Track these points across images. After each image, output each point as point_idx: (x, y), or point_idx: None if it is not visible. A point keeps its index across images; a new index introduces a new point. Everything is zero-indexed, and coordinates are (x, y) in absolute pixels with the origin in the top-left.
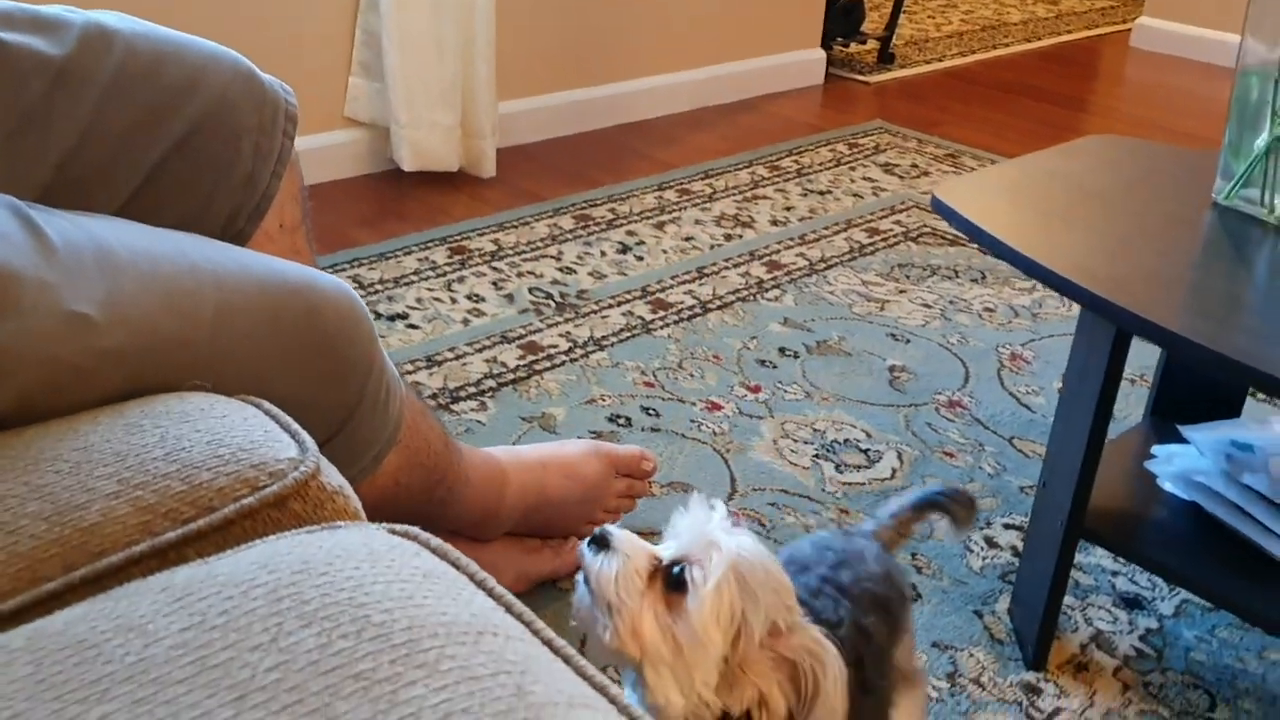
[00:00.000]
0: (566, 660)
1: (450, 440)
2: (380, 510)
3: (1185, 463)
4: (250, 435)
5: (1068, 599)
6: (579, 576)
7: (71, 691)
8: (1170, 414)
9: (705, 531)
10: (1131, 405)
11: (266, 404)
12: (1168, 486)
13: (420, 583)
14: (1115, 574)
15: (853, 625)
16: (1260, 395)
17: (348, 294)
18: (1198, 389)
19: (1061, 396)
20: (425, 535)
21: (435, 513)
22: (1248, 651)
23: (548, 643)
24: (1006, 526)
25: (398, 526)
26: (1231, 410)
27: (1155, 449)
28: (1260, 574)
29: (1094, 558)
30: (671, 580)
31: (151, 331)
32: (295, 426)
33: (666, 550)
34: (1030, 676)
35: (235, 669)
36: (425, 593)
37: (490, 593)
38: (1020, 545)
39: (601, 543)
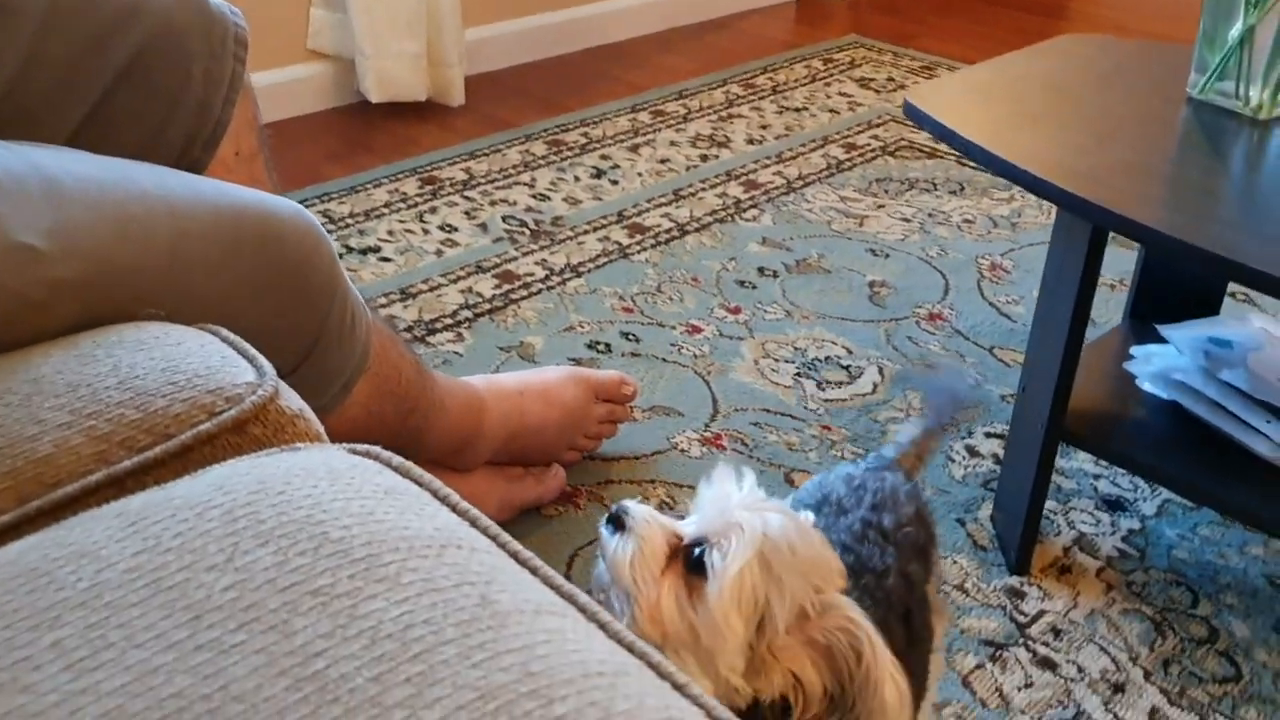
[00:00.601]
0: (533, 571)
1: (423, 368)
2: (354, 440)
3: (1164, 362)
4: (207, 361)
5: (1049, 504)
6: (598, 553)
7: (24, 619)
8: (1149, 315)
9: (727, 510)
10: (1111, 311)
11: (223, 331)
12: (1147, 387)
13: (381, 499)
14: (1097, 477)
15: (899, 574)
16: (1239, 294)
17: (306, 218)
18: (1176, 289)
19: (1039, 300)
20: (387, 454)
21: (411, 442)
22: (1229, 547)
23: (514, 555)
24: (988, 435)
25: (359, 446)
26: (1210, 309)
27: (1134, 349)
28: (1240, 470)
29: (1075, 462)
30: (692, 562)
31: (104, 260)
32: (253, 352)
33: (689, 527)
34: (1014, 581)
35: (191, 590)
36: (386, 509)
37: (455, 508)
38: (1002, 453)
39: (618, 523)
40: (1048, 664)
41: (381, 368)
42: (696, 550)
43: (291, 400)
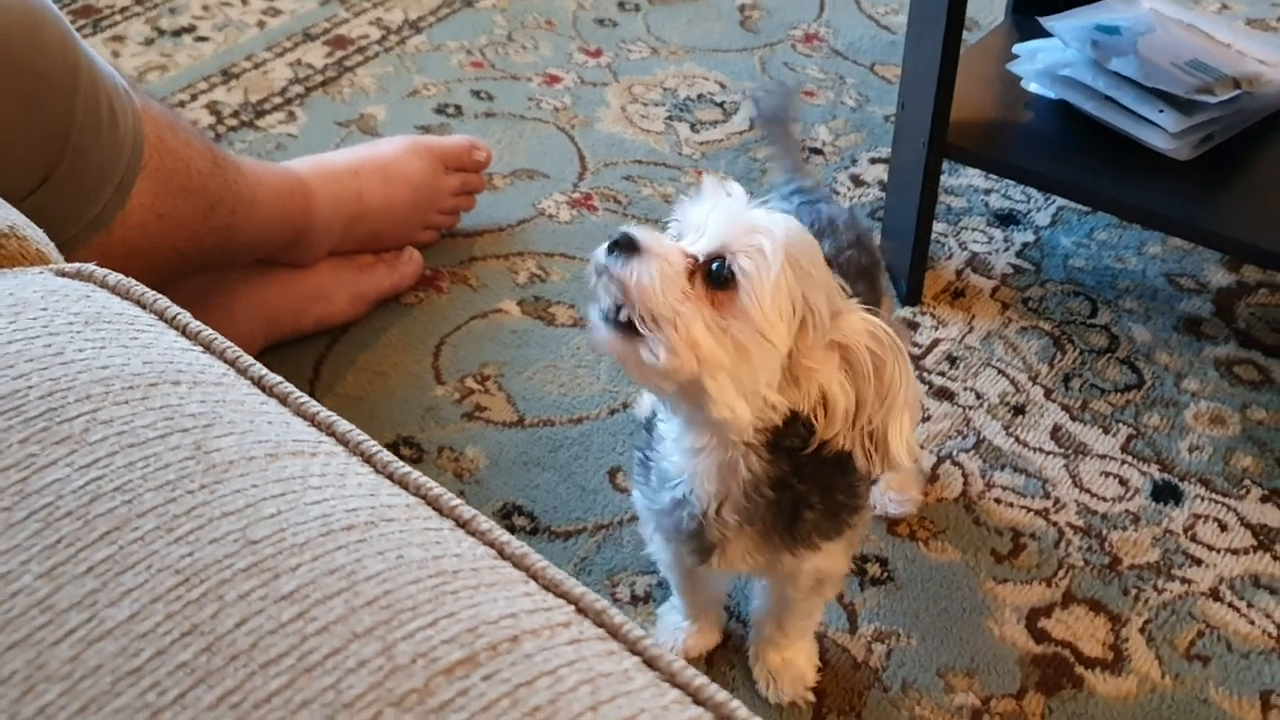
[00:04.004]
0: (283, 400)
1: (222, 157)
2: (149, 252)
3: (1049, 57)
4: None
5: (939, 226)
6: (593, 316)
7: None
8: (1032, 8)
9: (743, 217)
10: (995, 11)
11: None
12: (1033, 88)
13: (77, 333)
14: (988, 192)
15: None
16: None
17: None
18: None
19: (912, 2)
20: (103, 272)
21: (222, 243)
22: (1126, 250)
23: (257, 380)
24: (873, 161)
25: (71, 265)
26: None
27: (1017, 48)
28: (1134, 165)
29: (964, 179)
30: (714, 277)
31: None
32: None
33: (696, 245)
34: (905, 312)
35: None
36: (81, 345)
37: (184, 330)
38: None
39: (628, 246)
40: (944, 394)
41: (164, 162)
42: (716, 264)
43: None
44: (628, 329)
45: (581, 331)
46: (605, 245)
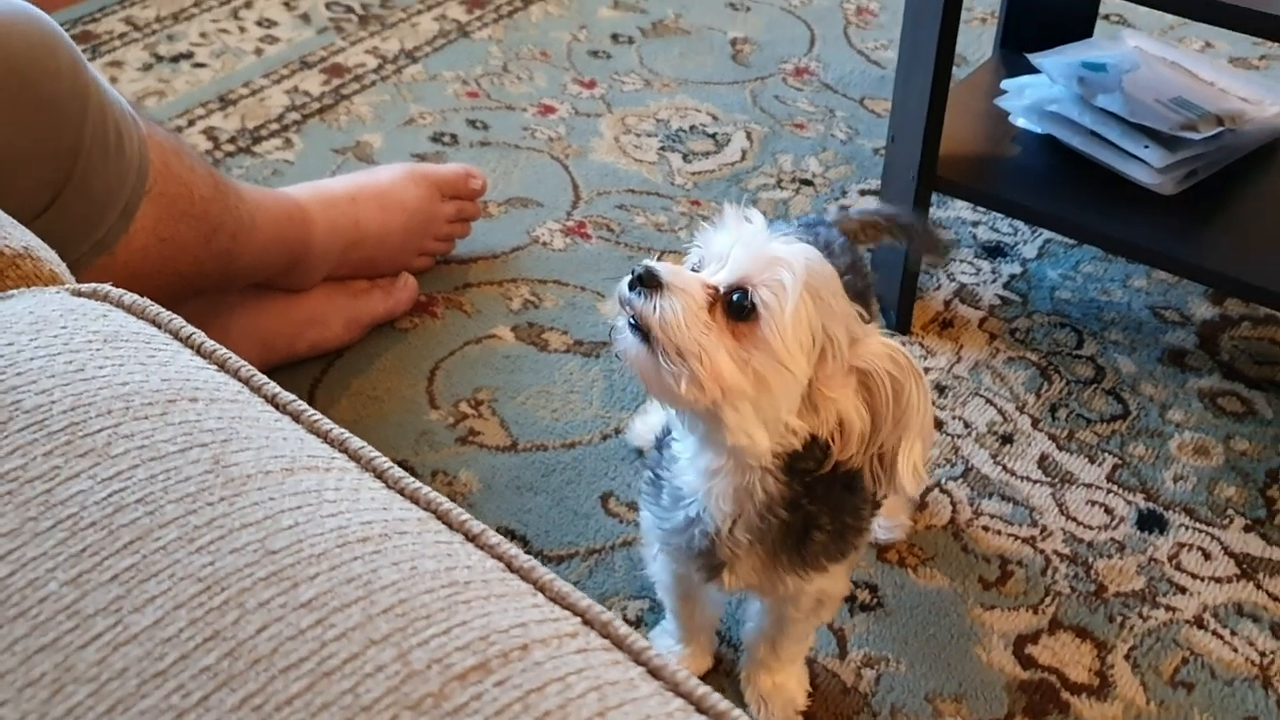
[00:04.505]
0: (296, 417)
1: (223, 182)
2: (151, 275)
3: (1037, 93)
4: None
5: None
6: (620, 324)
7: None
8: (1020, 45)
9: (764, 249)
10: (984, 47)
11: None
12: (1021, 122)
13: (97, 351)
14: (976, 224)
15: None
16: (1112, 16)
17: (33, 16)
18: (1046, 12)
19: (903, 37)
20: (119, 292)
21: (222, 268)
22: (1112, 282)
23: (271, 399)
24: (863, 193)
25: (87, 285)
26: (1084, 32)
27: (1005, 83)
28: (1120, 200)
29: (953, 210)
30: (736, 309)
31: None
32: None
33: (717, 276)
34: (895, 341)
35: None
36: (101, 362)
37: (199, 349)
38: None
39: (650, 282)
40: (933, 423)
41: (167, 187)
42: (737, 296)
43: (12, 240)
44: (654, 341)
45: (575, 357)
46: (627, 279)
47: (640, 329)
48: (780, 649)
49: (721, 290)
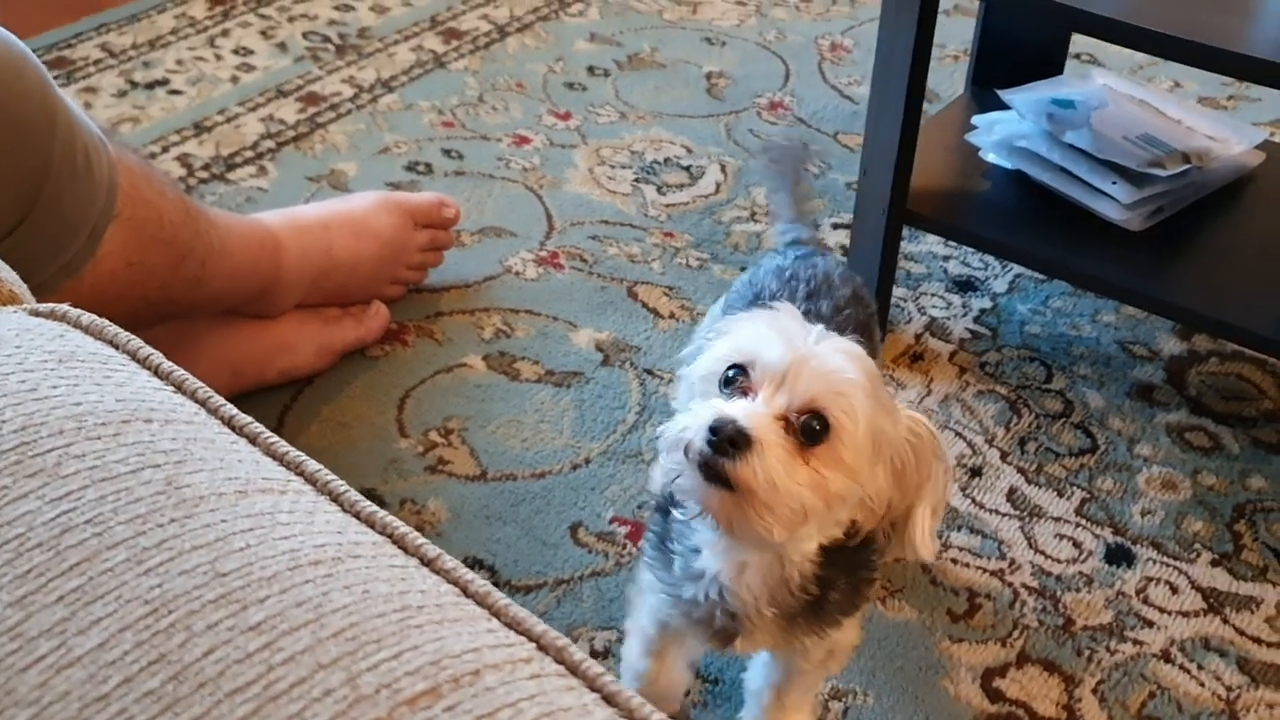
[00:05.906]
0: (252, 439)
1: (194, 208)
2: (118, 299)
3: (1006, 129)
4: None
5: (899, 290)
6: (691, 473)
7: None
8: (991, 82)
9: (827, 365)
10: (955, 85)
11: None
12: (991, 158)
13: (51, 370)
14: (947, 259)
15: None
16: (1083, 55)
17: (1, 39)
18: (1017, 51)
19: (874, 73)
20: (76, 312)
21: (191, 294)
22: (1081, 317)
23: (228, 420)
24: (836, 226)
25: (45, 305)
26: (1054, 70)
27: (975, 118)
28: (1088, 235)
29: (924, 245)
30: (808, 432)
31: None
32: None
33: (777, 401)
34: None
35: None
36: (55, 381)
37: (156, 370)
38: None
39: (738, 442)
40: None
41: (136, 211)
42: (807, 419)
43: None
44: (726, 482)
45: (546, 387)
46: (700, 433)
47: (721, 478)
48: (788, 700)
49: (793, 418)
